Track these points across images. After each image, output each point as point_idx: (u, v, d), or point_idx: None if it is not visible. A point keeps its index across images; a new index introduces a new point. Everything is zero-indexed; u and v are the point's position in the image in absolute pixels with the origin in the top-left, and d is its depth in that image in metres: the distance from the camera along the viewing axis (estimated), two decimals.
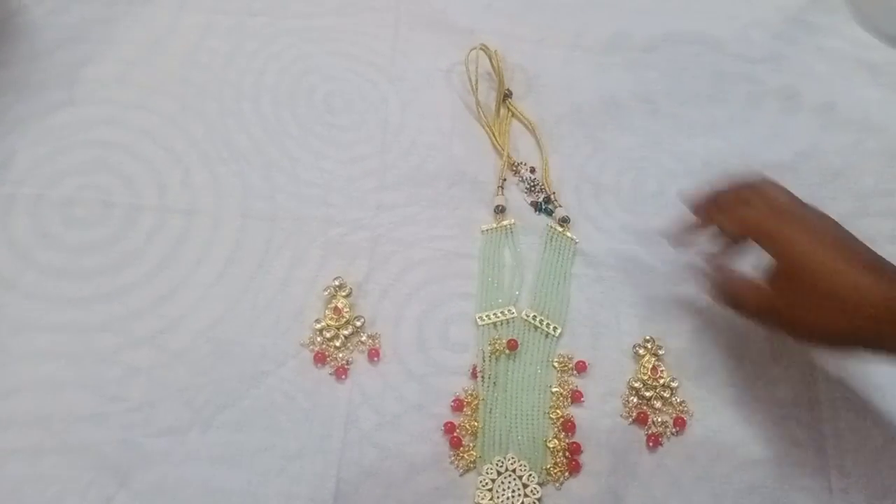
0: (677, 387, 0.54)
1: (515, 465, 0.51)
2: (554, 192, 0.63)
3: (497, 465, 0.51)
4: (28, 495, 0.47)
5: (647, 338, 0.56)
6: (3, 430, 0.49)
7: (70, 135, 0.62)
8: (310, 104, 0.66)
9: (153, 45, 0.68)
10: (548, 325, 0.57)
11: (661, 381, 0.54)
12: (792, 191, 0.65)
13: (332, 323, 0.55)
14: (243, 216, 0.59)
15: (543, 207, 0.62)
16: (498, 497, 0.50)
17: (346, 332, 0.54)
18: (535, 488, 0.50)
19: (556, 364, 0.55)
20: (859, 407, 0.54)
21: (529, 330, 0.57)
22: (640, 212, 0.63)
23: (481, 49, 0.68)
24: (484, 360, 0.54)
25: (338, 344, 0.54)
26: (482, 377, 0.54)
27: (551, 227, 0.61)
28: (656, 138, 0.67)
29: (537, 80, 0.70)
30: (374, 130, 0.65)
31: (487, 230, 0.61)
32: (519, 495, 0.50)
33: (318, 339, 0.54)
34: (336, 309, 0.55)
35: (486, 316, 0.57)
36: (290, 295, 0.56)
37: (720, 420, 0.53)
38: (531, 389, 0.54)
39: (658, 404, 0.53)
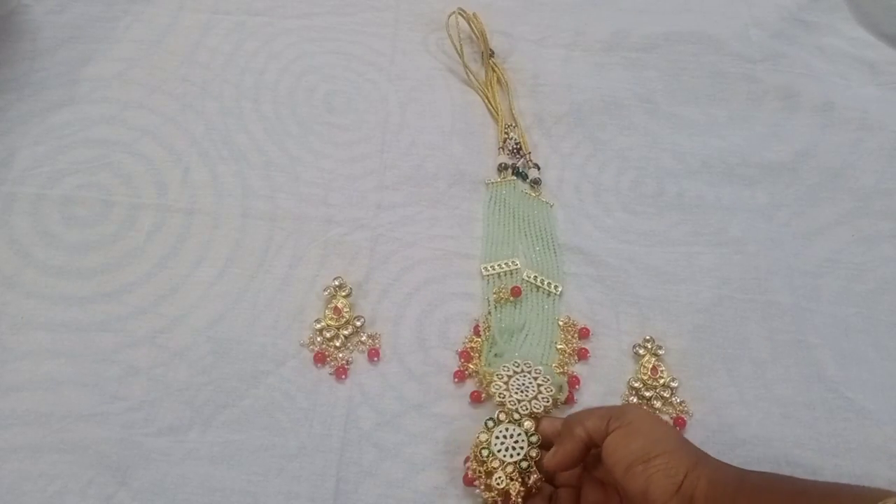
0: (677, 387, 0.54)
1: (531, 369, 0.52)
2: (529, 153, 0.64)
3: (514, 366, 0.52)
4: (28, 493, 0.47)
5: (647, 338, 0.56)
6: (4, 429, 0.49)
7: (70, 133, 0.62)
8: (310, 103, 0.66)
9: (153, 44, 0.68)
10: (548, 283, 0.58)
11: (661, 381, 0.54)
12: (792, 191, 0.65)
13: (332, 323, 0.55)
14: (243, 215, 0.59)
15: (520, 171, 0.64)
16: (512, 388, 0.51)
17: (346, 332, 0.54)
18: (549, 387, 0.51)
19: (560, 322, 0.56)
20: (858, 407, 0.54)
21: (532, 290, 0.58)
22: (640, 212, 0.63)
23: (459, 13, 0.69)
24: (489, 305, 0.56)
25: (338, 344, 0.54)
26: (487, 326, 0.55)
27: (525, 192, 0.63)
28: (656, 138, 0.68)
29: (537, 80, 0.70)
30: (374, 130, 0.65)
31: (492, 183, 0.63)
32: (533, 389, 0.51)
33: (318, 338, 0.54)
34: (336, 309, 0.55)
35: (491, 266, 0.58)
36: (290, 295, 0.56)
37: (720, 420, 0.53)
38: (537, 344, 0.55)
39: (658, 404, 0.53)
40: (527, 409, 0.50)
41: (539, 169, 0.64)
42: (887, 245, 0.62)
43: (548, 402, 0.50)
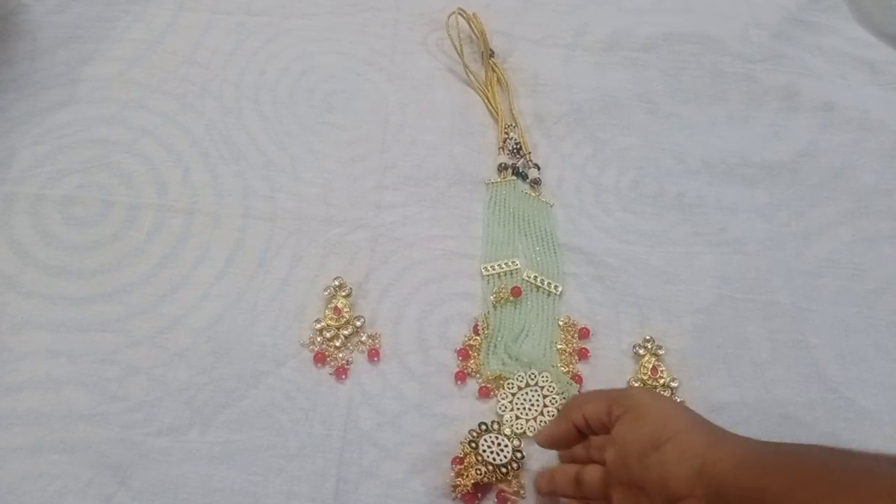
0: (677, 387, 0.54)
1: (546, 384, 0.53)
2: (529, 153, 0.64)
3: (529, 377, 0.53)
4: (28, 493, 0.47)
5: (647, 338, 0.56)
6: (4, 428, 0.49)
7: (70, 134, 0.62)
8: (310, 103, 0.66)
9: (153, 44, 0.68)
10: (549, 283, 0.58)
11: (661, 381, 0.54)
12: (792, 191, 0.65)
13: (332, 323, 0.55)
14: (243, 216, 0.59)
15: (520, 171, 0.64)
16: (517, 404, 0.52)
17: (346, 332, 0.54)
18: (554, 398, 0.52)
19: (560, 322, 0.56)
20: (858, 407, 0.54)
21: (532, 290, 0.58)
22: (640, 212, 0.63)
23: (459, 13, 0.69)
24: (489, 305, 0.56)
25: (338, 344, 0.54)
26: (486, 325, 0.56)
27: (525, 192, 0.63)
28: (656, 138, 0.68)
29: (537, 80, 0.70)
30: (374, 130, 0.65)
31: (492, 183, 0.63)
32: (537, 408, 0.52)
33: (318, 339, 0.54)
34: (336, 309, 0.55)
35: (491, 266, 0.58)
36: (290, 295, 0.56)
37: (720, 420, 0.53)
38: (537, 344, 0.56)
39: None
40: (521, 428, 0.51)
41: (539, 169, 0.64)
42: (887, 245, 0.62)
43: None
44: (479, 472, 0.49)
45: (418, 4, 0.74)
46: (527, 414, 0.52)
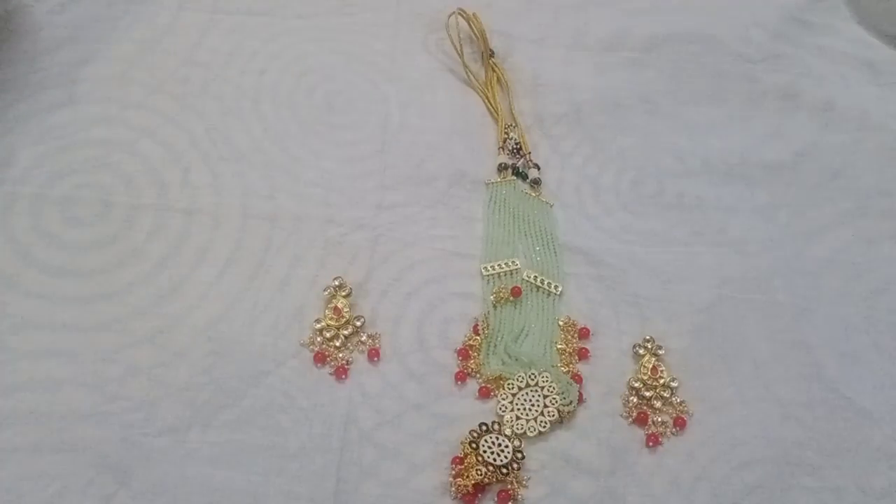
0: (677, 387, 0.54)
1: (547, 384, 0.52)
2: (529, 153, 0.64)
3: (529, 378, 0.53)
4: (28, 493, 0.47)
5: (647, 338, 0.56)
6: (3, 429, 0.49)
7: (70, 134, 0.62)
8: (310, 104, 0.66)
9: (153, 44, 0.68)
10: (549, 283, 0.58)
11: (661, 381, 0.54)
12: (792, 191, 0.65)
13: (332, 323, 0.55)
14: (243, 216, 0.59)
15: (520, 171, 0.64)
16: (517, 404, 0.52)
17: (346, 332, 0.54)
18: (554, 398, 0.51)
19: (560, 322, 0.56)
20: (858, 407, 0.54)
21: (532, 290, 0.58)
22: (640, 212, 0.63)
23: (459, 13, 0.69)
24: (489, 307, 0.56)
25: (338, 344, 0.54)
26: (486, 325, 0.55)
27: (525, 192, 0.63)
28: (656, 138, 0.68)
29: (537, 80, 0.70)
30: (374, 130, 0.65)
31: (492, 183, 0.63)
32: (538, 408, 0.52)
33: (318, 338, 0.54)
34: (336, 309, 0.55)
35: (491, 266, 0.58)
36: (290, 295, 0.56)
37: (720, 420, 0.53)
38: (537, 344, 0.55)
39: (658, 404, 0.53)
40: (521, 429, 0.51)
41: (539, 169, 0.64)
42: (887, 245, 0.63)
43: (545, 426, 0.51)
44: (479, 472, 0.49)
45: (418, 4, 0.74)
46: (527, 414, 0.52)
